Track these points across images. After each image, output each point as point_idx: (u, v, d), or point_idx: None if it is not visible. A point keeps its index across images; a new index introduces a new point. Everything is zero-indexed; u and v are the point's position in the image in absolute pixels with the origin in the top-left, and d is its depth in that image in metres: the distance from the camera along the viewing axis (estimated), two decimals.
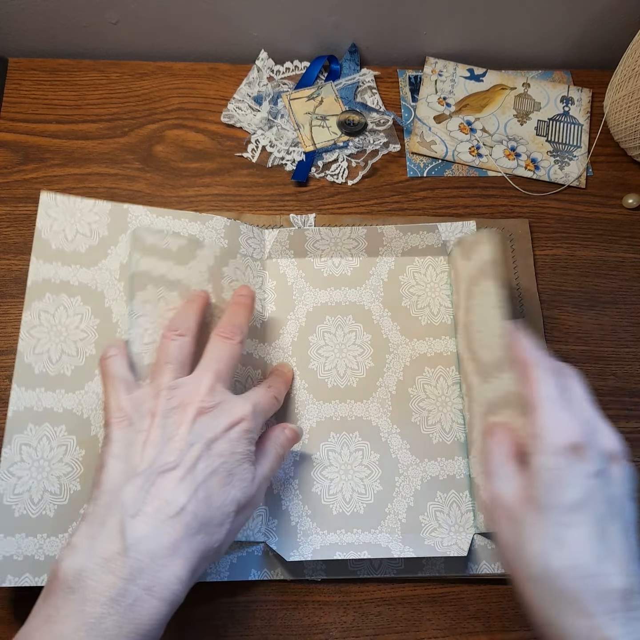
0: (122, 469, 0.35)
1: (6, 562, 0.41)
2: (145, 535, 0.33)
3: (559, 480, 0.33)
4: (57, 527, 0.42)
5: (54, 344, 0.45)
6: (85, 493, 0.42)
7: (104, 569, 0.32)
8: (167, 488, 0.34)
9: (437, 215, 0.56)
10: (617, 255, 0.56)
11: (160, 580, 0.32)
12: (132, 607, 0.31)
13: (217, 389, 0.38)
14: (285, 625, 0.44)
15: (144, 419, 0.37)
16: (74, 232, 0.48)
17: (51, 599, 0.32)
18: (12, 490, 0.42)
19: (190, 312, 0.42)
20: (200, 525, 0.34)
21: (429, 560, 0.45)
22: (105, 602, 0.31)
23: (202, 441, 0.36)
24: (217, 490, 0.35)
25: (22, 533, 0.41)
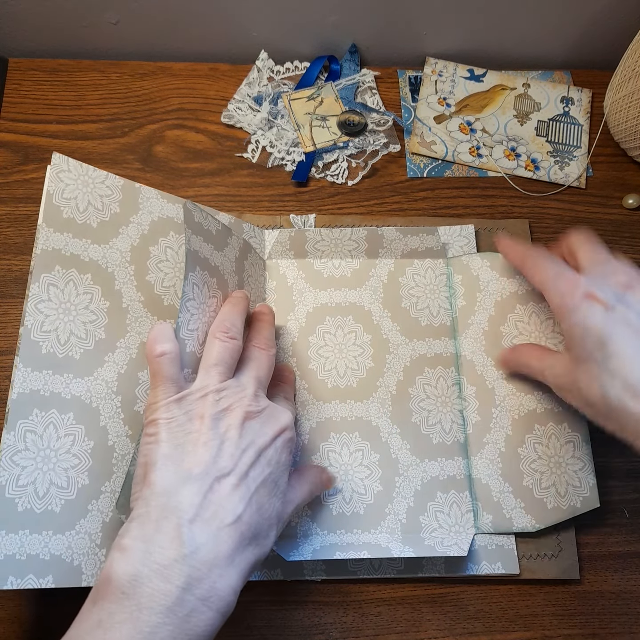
0: (175, 470, 0.34)
1: (8, 562, 0.37)
2: (204, 542, 0.32)
3: (585, 329, 0.38)
4: (64, 523, 0.39)
5: (63, 322, 0.42)
6: (94, 488, 0.40)
7: (161, 577, 0.31)
8: (224, 495, 0.34)
9: (437, 216, 0.56)
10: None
11: (217, 591, 0.31)
12: (188, 618, 0.30)
13: (260, 394, 0.39)
14: (285, 626, 0.44)
15: (193, 421, 0.36)
16: (86, 203, 0.45)
17: (103, 604, 0.31)
18: (15, 481, 0.39)
19: (238, 315, 0.41)
20: (252, 536, 0.34)
21: (428, 561, 0.45)
22: (162, 611, 0.30)
23: (253, 448, 0.36)
24: (266, 500, 0.36)
25: (25, 530, 0.38)
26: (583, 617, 0.45)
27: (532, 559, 0.46)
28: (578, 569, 0.46)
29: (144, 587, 0.30)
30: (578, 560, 0.46)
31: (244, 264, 0.48)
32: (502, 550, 0.45)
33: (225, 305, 0.42)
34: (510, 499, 0.46)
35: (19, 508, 0.38)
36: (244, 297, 0.44)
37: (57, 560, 0.39)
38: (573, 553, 0.46)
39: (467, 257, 0.51)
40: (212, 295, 0.42)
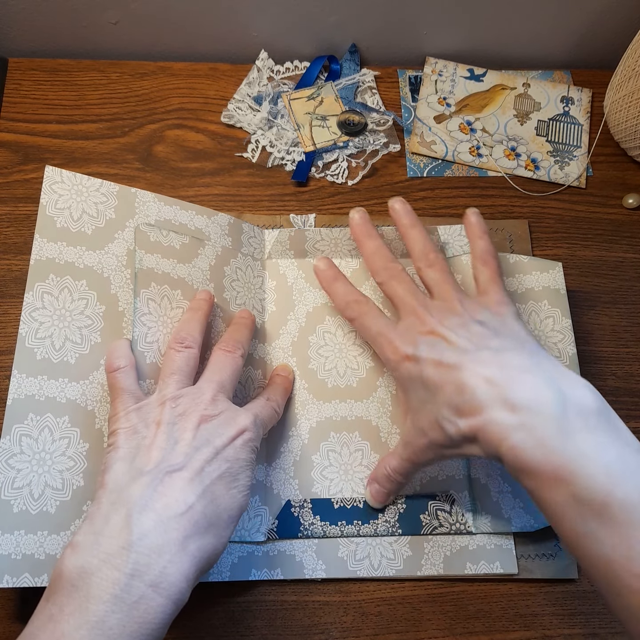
0: (127, 469, 0.35)
1: (4, 561, 0.38)
2: (152, 529, 0.32)
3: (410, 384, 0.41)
4: (58, 524, 0.40)
5: (57, 329, 0.43)
6: (89, 489, 0.41)
7: (108, 565, 0.31)
8: (176, 487, 0.34)
9: (437, 216, 0.56)
10: (617, 256, 0.56)
11: (167, 577, 0.31)
12: (136, 605, 0.30)
13: (220, 398, 0.39)
14: (285, 625, 0.44)
15: (149, 427, 0.37)
16: (80, 212, 0.46)
17: (55, 598, 0.31)
18: (10, 484, 0.40)
19: (196, 322, 0.43)
20: (209, 526, 0.34)
21: (427, 560, 0.45)
22: (109, 599, 0.30)
23: (208, 447, 0.36)
24: (224, 493, 0.36)
25: (21, 530, 0.39)
26: (583, 616, 0.45)
27: (530, 558, 0.46)
28: (576, 569, 0.46)
29: (93, 577, 0.31)
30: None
31: (224, 269, 0.48)
32: (501, 550, 0.45)
33: (185, 314, 0.44)
34: (509, 498, 0.46)
35: (15, 509, 0.39)
36: (205, 299, 0.45)
37: (53, 559, 0.39)
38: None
39: (466, 257, 0.51)
40: (175, 306, 0.44)
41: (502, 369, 0.37)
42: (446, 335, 0.40)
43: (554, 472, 0.33)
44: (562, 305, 0.49)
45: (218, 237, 0.49)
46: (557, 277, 0.50)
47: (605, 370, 0.52)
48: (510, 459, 0.34)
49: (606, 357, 0.53)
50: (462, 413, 0.37)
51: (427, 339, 0.40)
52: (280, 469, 0.46)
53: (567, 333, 0.49)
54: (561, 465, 0.33)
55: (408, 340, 0.41)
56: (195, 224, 0.48)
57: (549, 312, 0.49)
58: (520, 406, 0.35)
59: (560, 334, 0.49)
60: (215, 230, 0.49)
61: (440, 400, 0.38)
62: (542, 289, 0.50)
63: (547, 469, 0.33)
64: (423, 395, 0.40)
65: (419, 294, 0.43)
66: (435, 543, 0.45)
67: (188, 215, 0.48)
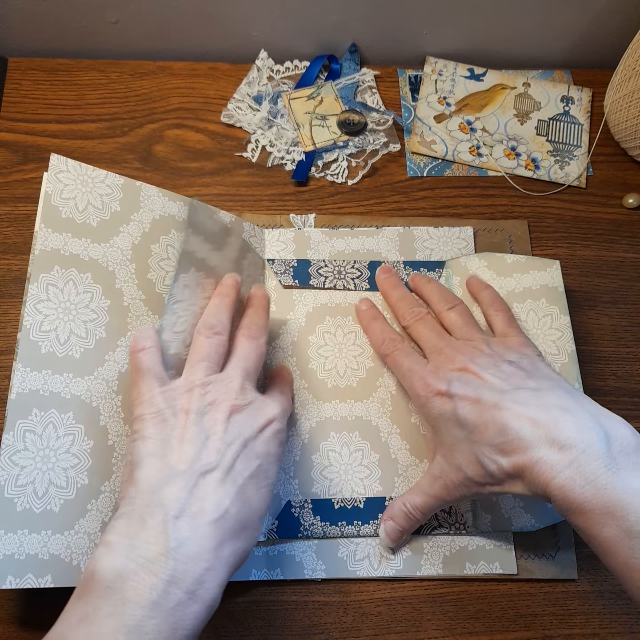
0: (160, 467, 0.35)
1: (7, 562, 0.37)
2: (189, 537, 0.32)
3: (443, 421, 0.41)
4: (63, 523, 0.39)
5: (62, 322, 0.42)
6: (94, 487, 0.40)
7: (146, 570, 0.31)
8: (210, 490, 0.34)
9: (437, 216, 0.56)
10: (618, 255, 0.56)
11: (203, 584, 0.32)
12: (173, 612, 0.30)
13: (248, 387, 0.39)
14: (285, 626, 0.44)
15: (177, 416, 0.36)
16: (85, 203, 0.45)
17: (88, 599, 0.31)
18: (14, 481, 0.38)
19: (224, 308, 0.42)
20: (241, 530, 0.34)
21: (427, 560, 0.45)
22: (146, 604, 0.30)
23: (239, 440, 0.36)
24: (255, 493, 0.36)
25: (24, 529, 0.38)
26: (583, 616, 0.45)
27: (530, 559, 0.46)
28: (576, 569, 0.46)
29: (129, 581, 0.30)
30: (577, 560, 0.46)
31: (243, 263, 0.48)
32: (500, 551, 0.45)
33: (212, 299, 0.43)
34: (509, 498, 0.46)
35: (18, 508, 0.38)
36: (232, 286, 0.44)
37: (56, 559, 0.38)
38: (571, 553, 0.46)
39: (465, 259, 0.51)
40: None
41: (544, 409, 0.37)
42: (479, 373, 0.41)
43: (604, 508, 0.33)
44: (561, 303, 0.49)
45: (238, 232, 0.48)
46: (555, 275, 0.50)
47: (605, 370, 0.52)
48: (560, 497, 0.35)
49: (606, 357, 0.53)
50: (506, 452, 0.37)
51: (459, 376, 0.41)
52: (280, 469, 0.46)
53: (566, 330, 0.48)
54: (611, 501, 0.33)
55: (439, 376, 0.42)
56: None
57: (547, 310, 0.49)
58: (567, 445, 0.35)
59: (558, 332, 0.49)
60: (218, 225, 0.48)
61: (479, 438, 0.39)
62: (540, 287, 0.50)
63: (597, 506, 0.34)
64: (457, 432, 0.40)
65: (445, 335, 0.45)
66: (435, 543, 0.45)
67: None
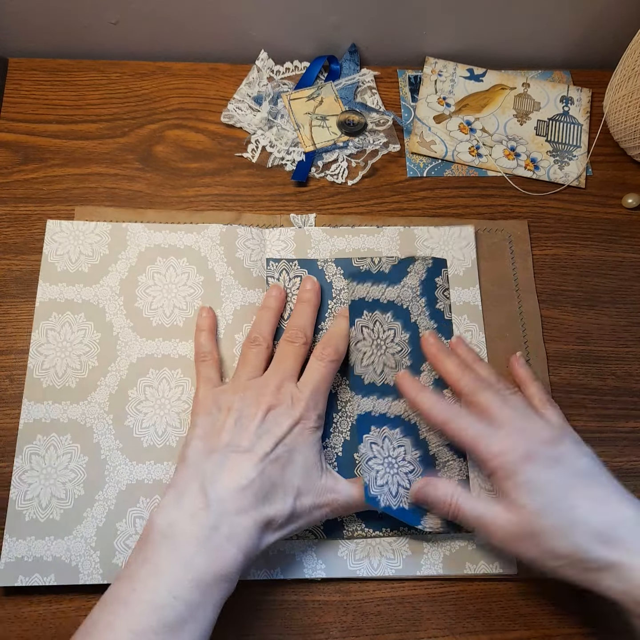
0: (202, 447, 0.42)
1: (18, 563, 0.43)
2: (223, 497, 0.39)
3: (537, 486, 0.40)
4: (62, 529, 0.44)
5: (60, 359, 0.48)
6: (89, 497, 0.45)
7: (192, 520, 0.38)
8: (240, 465, 0.41)
9: (437, 216, 0.56)
10: (617, 255, 0.56)
11: (236, 531, 0.38)
12: (215, 552, 0.37)
13: (284, 387, 0.44)
14: (285, 625, 0.44)
15: (221, 411, 0.43)
16: (77, 254, 0.51)
17: (147, 546, 0.38)
18: (23, 496, 0.45)
19: (265, 323, 0.48)
20: (264, 496, 0.40)
21: (427, 560, 0.45)
22: (195, 544, 0.37)
23: (270, 435, 0.42)
24: (278, 473, 0.41)
25: (32, 536, 0.44)
26: (583, 616, 0.45)
27: None
28: None
29: (179, 528, 0.38)
30: None
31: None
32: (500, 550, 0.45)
33: (258, 312, 0.49)
34: None
35: (26, 518, 0.45)
36: (275, 297, 0.49)
37: (58, 561, 0.44)
38: None
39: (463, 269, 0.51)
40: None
41: None
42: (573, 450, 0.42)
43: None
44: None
45: (208, 250, 0.51)
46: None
47: (605, 370, 0.52)
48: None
49: (606, 356, 0.53)
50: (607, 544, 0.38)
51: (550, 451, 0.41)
52: None
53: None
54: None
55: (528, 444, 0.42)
56: (185, 243, 0.52)
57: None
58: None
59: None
60: (206, 243, 0.51)
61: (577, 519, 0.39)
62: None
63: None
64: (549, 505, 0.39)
65: None
66: (435, 543, 0.46)
67: (177, 236, 0.52)
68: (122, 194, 0.55)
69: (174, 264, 0.51)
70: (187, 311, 0.50)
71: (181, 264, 0.51)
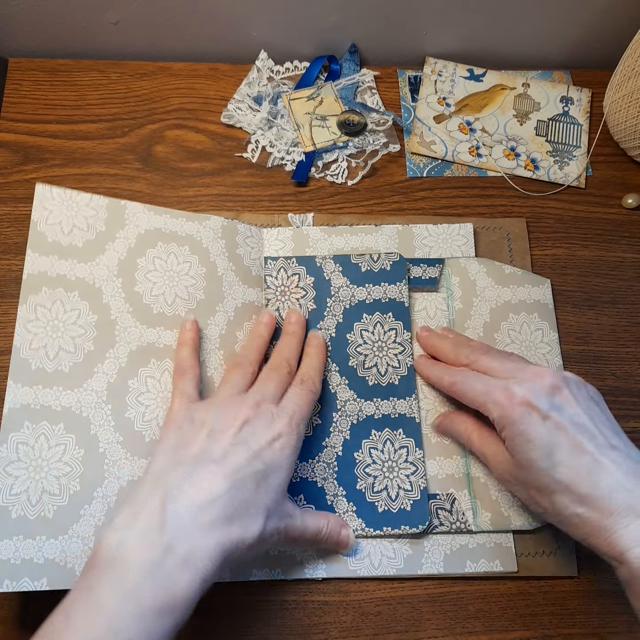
0: (169, 459, 0.39)
1: (3, 567, 0.39)
2: (183, 512, 0.35)
3: (529, 440, 0.39)
4: (56, 528, 0.41)
5: (51, 339, 0.45)
6: (86, 493, 0.42)
7: (144, 541, 0.34)
8: (207, 478, 0.37)
9: (437, 215, 0.56)
10: (617, 255, 0.56)
11: (194, 555, 0.34)
12: (167, 577, 0.33)
13: (264, 404, 0.42)
14: (285, 625, 0.44)
15: (194, 425, 0.41)
16: (71, 226, 0.47)
17: (93, 572, 0.34)
18: (8, 490, 0.41)
19: (253, 350, 0.47)
20: (232, 515, 0.36)
21: (428, 559, 0.45)
22: (144, 570, 0.33)
23: (245, 447, 0.39)
24: (252, 488, 0.38)
25: (19, 535, 0.40)
26: (583, 616, 0.45)
27: (530, 556, 0.46)
28: (576, 566, 0.46)
29: (129, 550, 0.34)
30: (577, 559, 0.46)
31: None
32: (500, 549, 0.45)
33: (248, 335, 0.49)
34: (508, 496, 0.46)
35: (13, 515, 0.41)
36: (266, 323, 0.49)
37: (51, 563, 0.40)
38: (571, 550, 0.46)
39: (465, 260, 0.52)
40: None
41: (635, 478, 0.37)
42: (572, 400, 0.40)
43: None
44: (551, 320, 0.51)
45: (210, 242, 0.49)
46: (546, 293, 0.52)
47: (604, 370, 0.52)
48: (635, 566, 0.35)
49: (606, 357, 0.53)
50: (587, 504, 0.37)
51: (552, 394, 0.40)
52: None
53: (554, 346, 0.51)
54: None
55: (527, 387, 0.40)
56: (186, 231, 0.49)
57: (539, 325, 0.51)
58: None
59: (548, 346, 0.50)
60: (207, 234, 0.50)
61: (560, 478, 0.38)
62: (533, 302, 0.51)
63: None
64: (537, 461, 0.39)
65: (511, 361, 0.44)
66: (436, 542, 0.46)
67: (178, 223, 0.49)
68: (122, 194, 0.55)
69: (175, 251, 0.48)
70: (190, 302, 0.48)
71: (183, 252, 0.49)
